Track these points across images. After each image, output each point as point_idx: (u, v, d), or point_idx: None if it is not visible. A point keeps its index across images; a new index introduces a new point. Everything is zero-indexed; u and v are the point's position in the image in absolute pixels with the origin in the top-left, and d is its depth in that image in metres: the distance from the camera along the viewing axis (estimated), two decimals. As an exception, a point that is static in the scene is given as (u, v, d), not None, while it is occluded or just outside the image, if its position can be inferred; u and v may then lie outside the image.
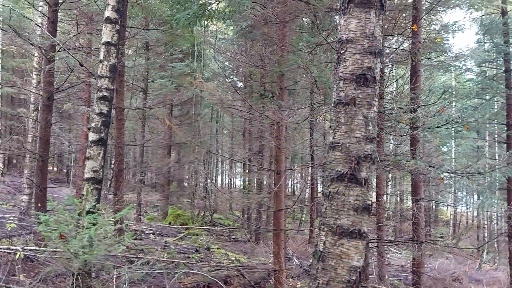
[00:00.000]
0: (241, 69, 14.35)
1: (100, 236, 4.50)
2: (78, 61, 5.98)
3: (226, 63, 16.55)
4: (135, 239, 11.38)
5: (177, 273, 7.54)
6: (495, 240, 19.95)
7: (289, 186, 30.59)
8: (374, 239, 6.87)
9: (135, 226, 13.30)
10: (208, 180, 19.26)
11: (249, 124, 14.86)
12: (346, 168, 2.28)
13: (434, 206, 28.45)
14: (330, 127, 2.42)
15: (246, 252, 13.00)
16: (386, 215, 20.09)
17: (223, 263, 10.37)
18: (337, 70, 2.38)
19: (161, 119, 12.11)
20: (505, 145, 13.42)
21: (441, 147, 24.03)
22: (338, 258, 2.23)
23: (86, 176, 5.21)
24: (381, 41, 2.30)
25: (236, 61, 10.51)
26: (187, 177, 19.09)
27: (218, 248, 12.72)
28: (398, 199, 24.61)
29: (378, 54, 2.30)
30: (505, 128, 13.21)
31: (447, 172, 4.75)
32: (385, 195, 22.71)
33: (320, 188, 17.08)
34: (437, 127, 5.52)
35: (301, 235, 18.76)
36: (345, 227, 2.24)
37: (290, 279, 9.80)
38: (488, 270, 17.44)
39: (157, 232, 13.28)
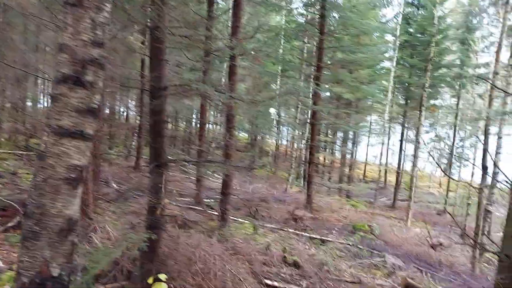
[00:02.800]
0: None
1: None
2: None
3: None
4: None
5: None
6: (302, 167, 23.32)
7: (123, 113, 29.39)
8: (174, 160, 7.26)
9: None
10: (21, 101, 17.14)
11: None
12: (72, 71, 2.29)
13: (261, 138, 31.38)
14: (60, 28, 2.37)
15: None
16: (213, 144, 21.25)
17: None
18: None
19: None
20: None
21: (270, 84, 26.17)
22: (57, 157, 2.29)
23: None
24: None
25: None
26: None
27: (27, 174, 11.76)
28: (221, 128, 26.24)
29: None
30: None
31: (232, 98, 5.21)
32: (209, 124, 23.93)
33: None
34: (232, 56, 5.92)
35: (128, 162, 18.69)
36: (66, 127, 2.29)
37: (106, 203, 9.84)
38: (293, 192, 20.42)
39: (-51, 156, 11.49)
